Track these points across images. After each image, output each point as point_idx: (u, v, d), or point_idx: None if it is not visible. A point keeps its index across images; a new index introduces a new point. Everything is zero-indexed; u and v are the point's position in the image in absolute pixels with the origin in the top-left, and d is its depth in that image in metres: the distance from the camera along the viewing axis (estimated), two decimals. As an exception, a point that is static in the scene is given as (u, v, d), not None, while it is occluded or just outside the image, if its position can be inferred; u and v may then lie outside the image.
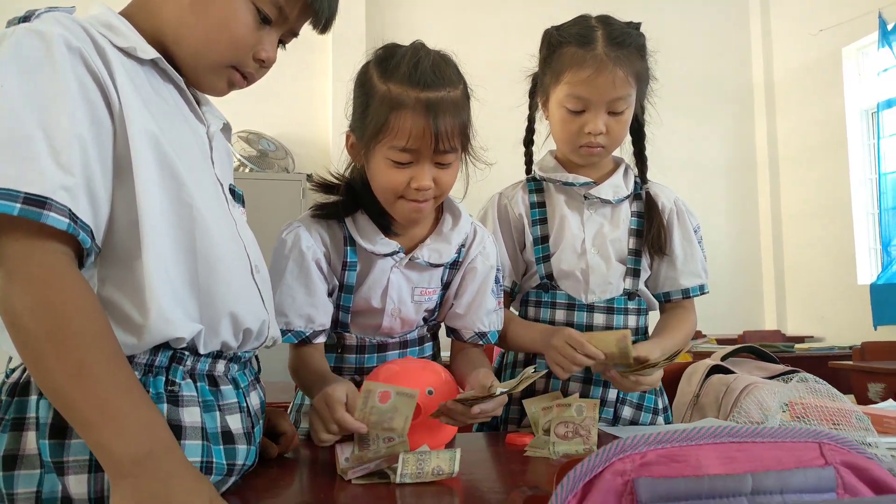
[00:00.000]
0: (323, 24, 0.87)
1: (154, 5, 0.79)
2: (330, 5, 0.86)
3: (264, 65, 0.84)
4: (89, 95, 0.68)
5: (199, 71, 0.82)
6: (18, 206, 0.61)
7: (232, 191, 0.89)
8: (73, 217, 0.64)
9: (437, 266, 1.13)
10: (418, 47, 1.01)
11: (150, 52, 0.77)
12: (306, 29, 0.90)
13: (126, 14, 0.80)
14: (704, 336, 4.04)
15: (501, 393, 0.92)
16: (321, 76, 4.46)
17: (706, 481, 0.49)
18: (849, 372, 3.06)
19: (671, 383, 1.47)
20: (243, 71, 0.83)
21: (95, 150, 0.68)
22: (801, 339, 4.38)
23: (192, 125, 0.83)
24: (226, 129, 0.93)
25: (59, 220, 0.63)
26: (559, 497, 0.48)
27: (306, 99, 4.50)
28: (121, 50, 0.74)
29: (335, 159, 1.18)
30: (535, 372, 0.99)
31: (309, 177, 0.98)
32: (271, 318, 0.89)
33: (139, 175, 0.70)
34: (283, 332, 1.05)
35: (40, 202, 0.62)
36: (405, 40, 1.11)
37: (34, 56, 0.66)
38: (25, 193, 0.61)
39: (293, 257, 1.07)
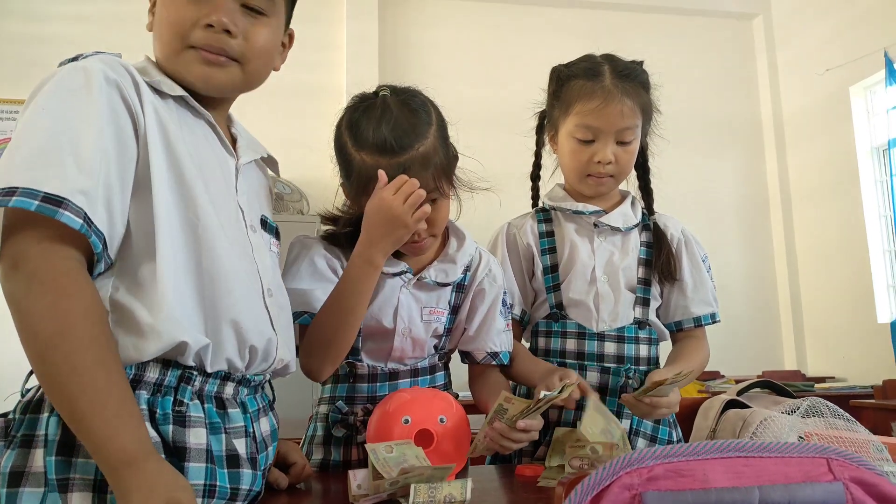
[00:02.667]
0: None
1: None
2: None
3: (215, 29, 0.83)
4: (119, 120, 0.76)
5: (175, 68, 0.85)
6: (37, 203, 0.67)
7: (264, 221, 0.95)
8: (87, 220, 0.70)
9: (445, 285, 1.17)
10: (383, 107, 1.05)
11: (176, 90, 0.84)
12: (321, 75, 0.94)
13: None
14: (723, 377, 3.98)
15: (546, 397, 0.91)
16: (335, 122, 4.55)
17: (713, 494, 0.49)
18: (870, 411, 3.00)
19: (686, 419, 1.45)
20: (201, 45, 0.84)
21: (117, 166, 0.75)
22: (821, 380, 4.28)
23: (219, 156, 0.89)
24: (268, 161, 1.01)
25: (72, 220, 0.68)
26: (567, 510, 0.48)
27: (322, 144, 4.57)
28: (151, 87, 0.82)
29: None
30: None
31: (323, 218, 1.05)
32: (281, 341, 0.90)
33: (157, 194, 0.76)
34: (299, 314, 1.06)
35: (57, 201, 0.68)
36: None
37: (75, 84, 0.75)
38: (45, 193, 0.68)
39: (305, 256, 1.12)
